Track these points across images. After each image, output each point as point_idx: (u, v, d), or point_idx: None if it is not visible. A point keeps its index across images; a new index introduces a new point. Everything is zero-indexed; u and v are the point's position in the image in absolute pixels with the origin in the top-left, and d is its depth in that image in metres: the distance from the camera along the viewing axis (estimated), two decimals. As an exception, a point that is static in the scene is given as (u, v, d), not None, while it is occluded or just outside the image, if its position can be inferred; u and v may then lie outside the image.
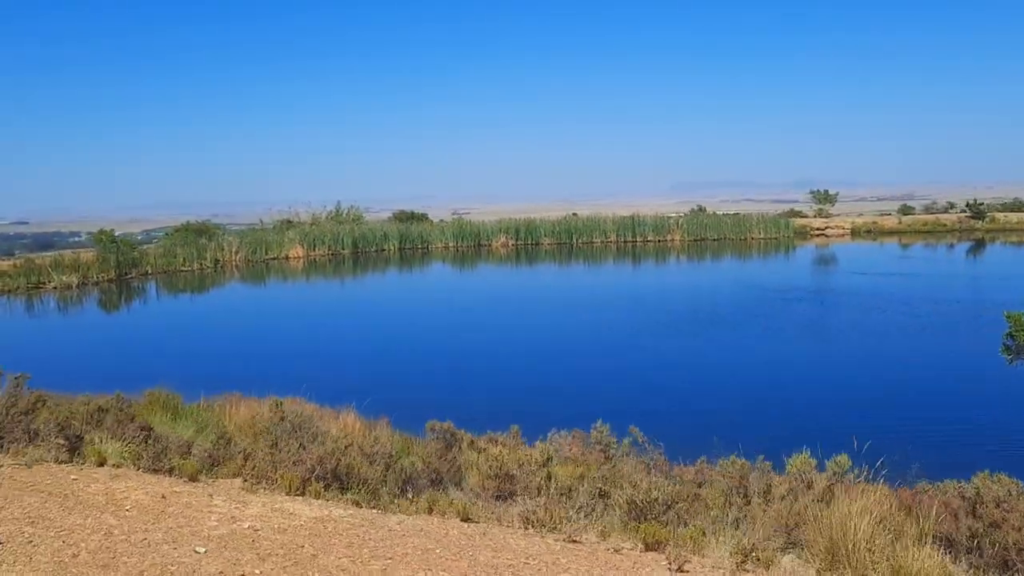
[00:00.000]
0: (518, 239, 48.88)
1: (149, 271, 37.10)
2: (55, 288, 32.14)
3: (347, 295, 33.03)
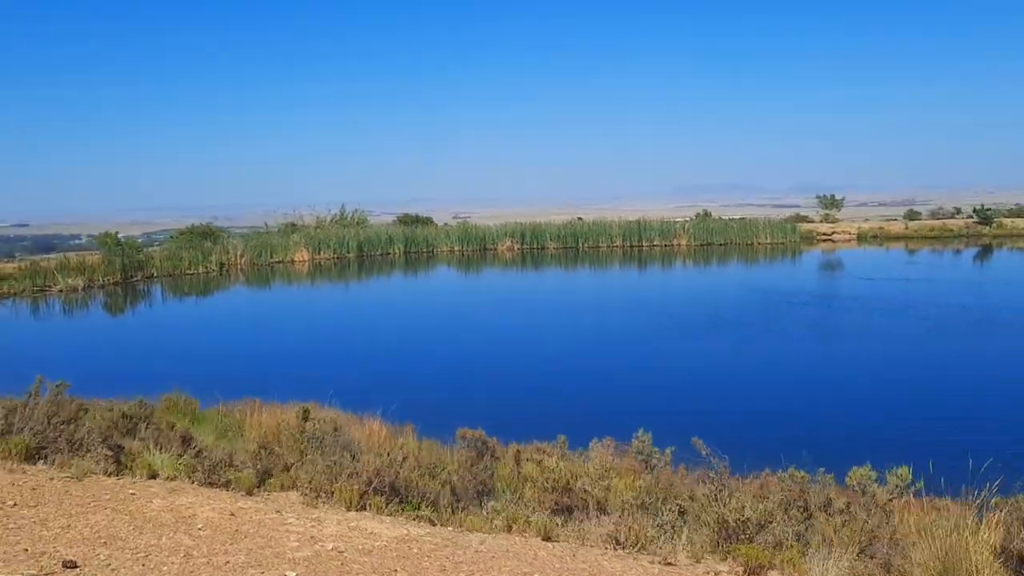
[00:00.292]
0: (523, 243, 48.67)
1: (154, 274, 36.82)
2: (61, 291, 31.85)
3: (355, 299, 32.81)
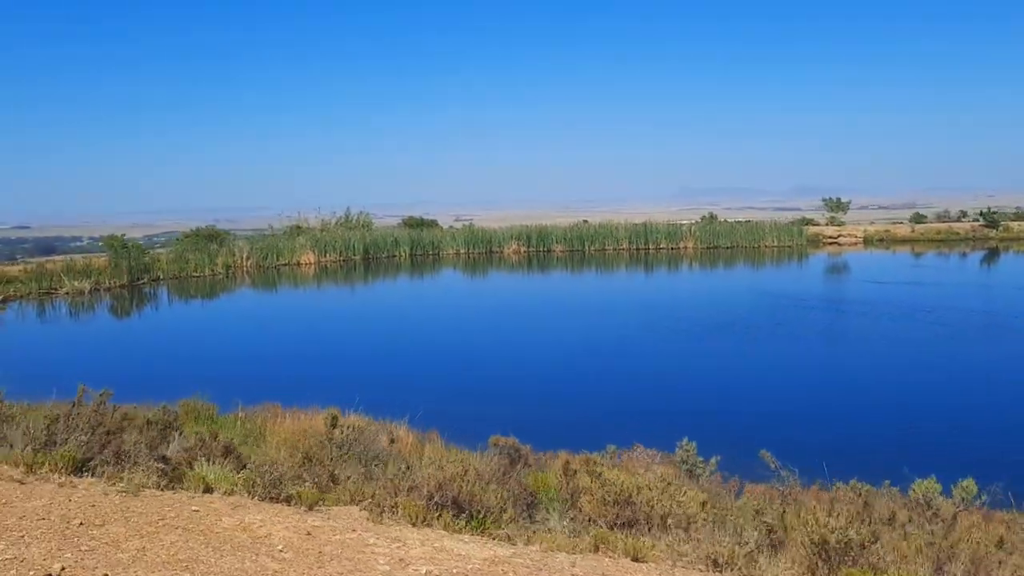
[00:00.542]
0: (529, 246, 48.52)
1: (160, 276, 36.56)
2: (67, 293, 31.58)
3: (365, 301, 32.57)
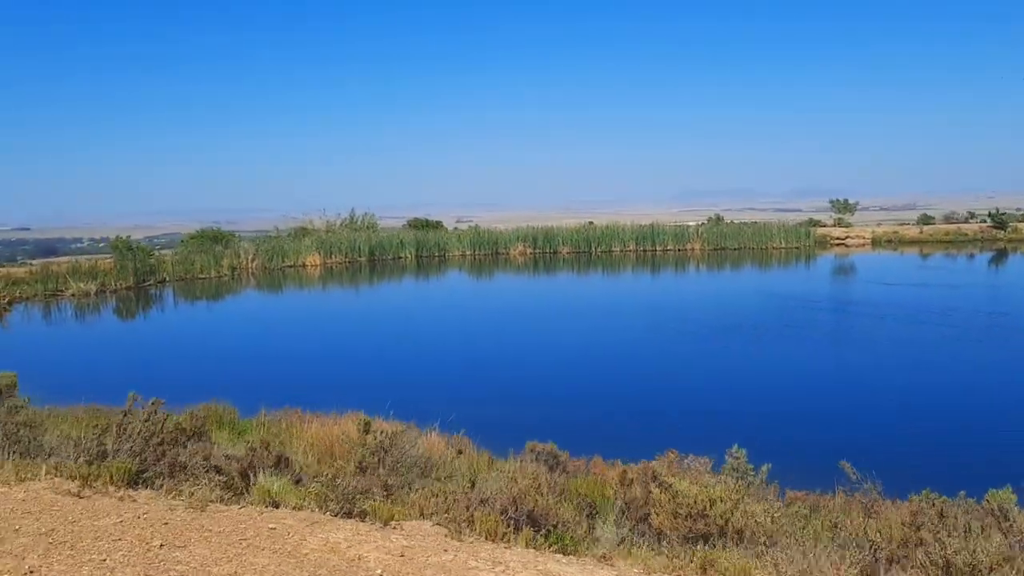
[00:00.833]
0: (536, 247, 48.30)
1: (166, 278, 36.28)
2: (73, 295, 31.29)
3: (373, 303, 32.25)
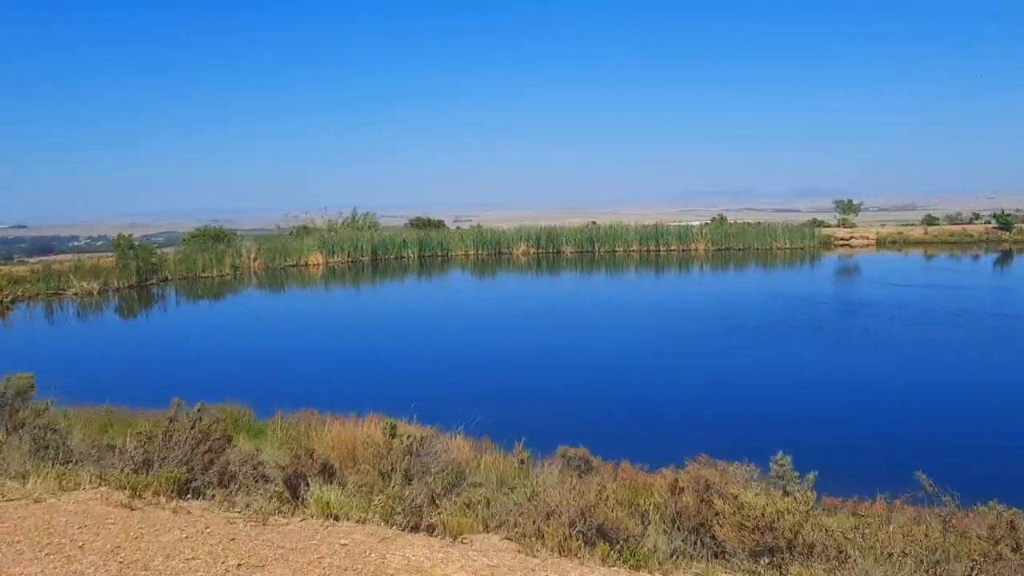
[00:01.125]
0: (539, 247, 48.07)
1: (168, 277, 35.97)
2: (75, 294, 30.97)
3: (376, 303, 31.94)
